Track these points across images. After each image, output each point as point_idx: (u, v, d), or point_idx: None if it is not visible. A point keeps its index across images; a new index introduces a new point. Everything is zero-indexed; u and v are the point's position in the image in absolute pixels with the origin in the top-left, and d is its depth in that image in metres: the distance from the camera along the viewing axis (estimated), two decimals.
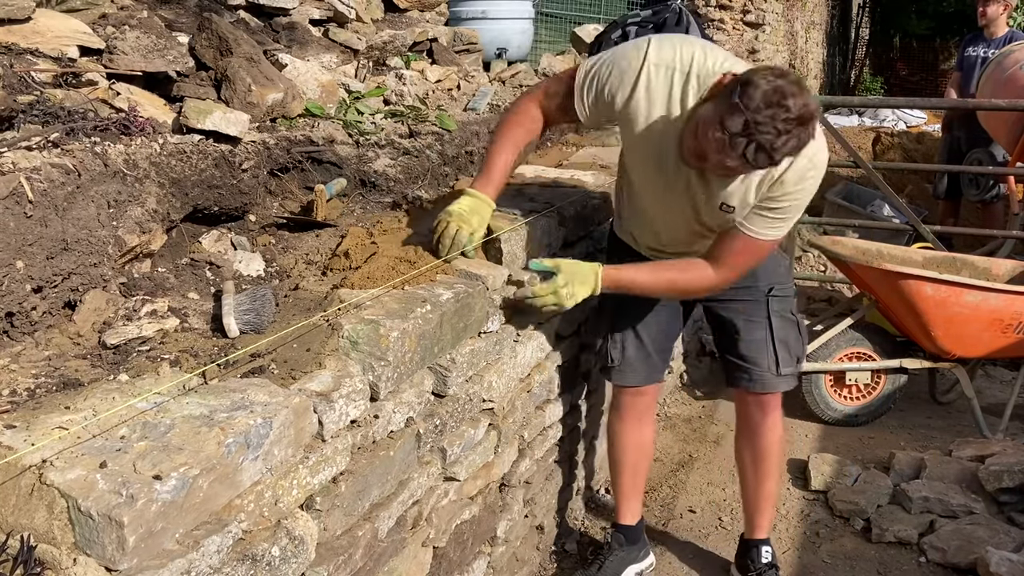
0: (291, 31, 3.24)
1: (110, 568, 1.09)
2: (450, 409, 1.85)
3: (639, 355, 2.40)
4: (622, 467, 2.56)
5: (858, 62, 14.53)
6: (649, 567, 2.63)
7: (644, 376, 2.43)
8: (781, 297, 2.32)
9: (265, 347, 1.53)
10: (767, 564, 2.51)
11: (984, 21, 5.73)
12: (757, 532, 2.55)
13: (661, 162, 2.02)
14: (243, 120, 2.21)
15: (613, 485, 2.64)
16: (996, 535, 2.64)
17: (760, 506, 2.53)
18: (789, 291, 2.35)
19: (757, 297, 2.31)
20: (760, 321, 2.31)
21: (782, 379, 2.36)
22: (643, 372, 2.42)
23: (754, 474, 2.49)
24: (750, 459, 2.49)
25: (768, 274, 2.29)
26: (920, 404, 3.84)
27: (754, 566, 2.52)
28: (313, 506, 1.44)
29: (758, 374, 2.35)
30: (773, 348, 2.31)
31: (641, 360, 2.40)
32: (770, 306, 2.30)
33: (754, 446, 2.46)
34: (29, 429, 1.21)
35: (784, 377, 2.36)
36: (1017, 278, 3.60)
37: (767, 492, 2.51)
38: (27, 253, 1.54)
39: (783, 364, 2.33)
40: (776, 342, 2.31)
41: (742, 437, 2.51)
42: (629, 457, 2.54)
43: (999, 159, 5.35)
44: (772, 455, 2.45)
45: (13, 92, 1.92)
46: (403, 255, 1.94)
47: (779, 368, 2.33)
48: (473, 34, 4.14)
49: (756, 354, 2.34)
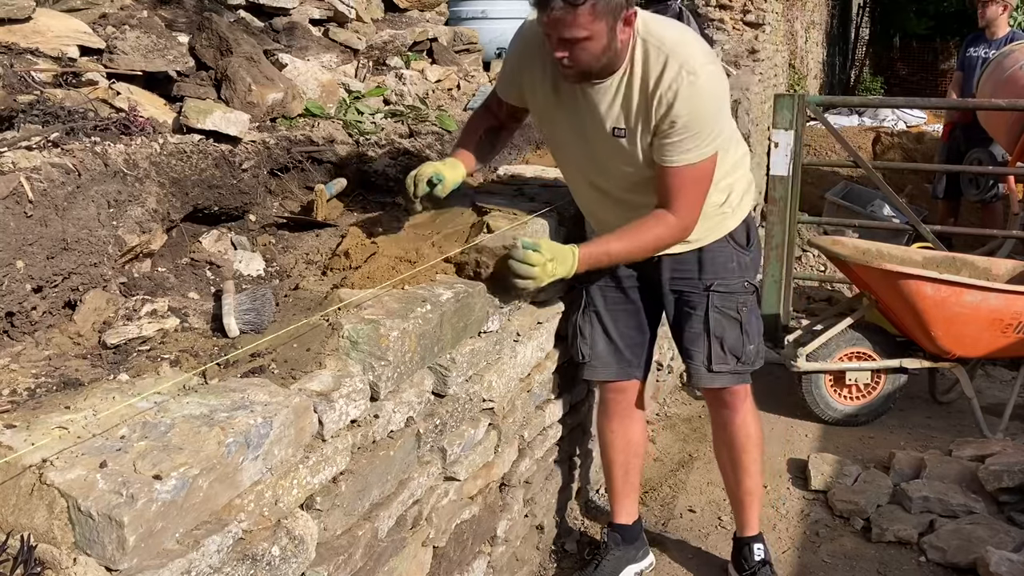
0: (291, 31, 3.24)
1: (110, 568, 1.09)
2: (450, 409, 1.85)
3: (608, 350, 2.40)
4: (612, 466, 2.57)
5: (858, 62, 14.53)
6: (649, 567, 2.63)
7: (616, 371, 2.43)
8: (724, 293, 2.29)
9: (265, 347, 1.53)
10: (760, 561, 2.51)
11: (983, 22, 5.73)
12: (746, 529, 2.56)
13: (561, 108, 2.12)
14: (243, 120, 2.21)
15: (607, 484, 2.65)
16: (996, 535, 2.64)
17: (743, 502, 2.53)
18: (736, 287, 2.31)
19: (697, 289, 2.30)
20: (699, 315, 2.31)
21: (716, 376, 2.33)
22: (614, 367, 2.43)
23: (732, 471, 2.50)
24: (726, 456, 2.50)
25: (715, 269, 2.28)
26: (920, 404, 3.84)
27: (747, 564, 2.52)
28: (313, 506, 1.44)
29: (693, 367, 2.36)
30: (708, 343, 2.31)
31: (610, 354, 2.41)
32: (710, 300, 2.29)
33: (727, 444, 2.47)
34: (29, 429, 1.21)
35: (718, 374, 2.33)
36: (1017, 278, 3.60)
37: (748, 488, 2.50)
38: (27, 253, 1.54)
39: (715, 361, 2.31)
40: (711, 337, 2.30)
41: (715, 435, 2.52)
42: (618, 456, 2.55)
43: (999, 159, 5.36)
44: (746, 451, 2.44)
45: (13, 92, 1.92)
46: (403, 255, 1.94)
47: (711, 364, 2.31)
48: (473, 34, 4.14)
49: (692, 347, 2.35)
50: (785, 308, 4.02)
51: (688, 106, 1.94)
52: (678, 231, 2.12)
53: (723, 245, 2.29)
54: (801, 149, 3.90)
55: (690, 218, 2.11)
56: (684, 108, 1.94)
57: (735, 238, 2.30)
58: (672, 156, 2.01)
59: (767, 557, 2.53)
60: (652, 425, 3.49)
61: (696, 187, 2.07)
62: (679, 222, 2.10)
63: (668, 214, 2.08)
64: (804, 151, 4.05)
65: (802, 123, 3.90)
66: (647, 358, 2.51)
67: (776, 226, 3.93)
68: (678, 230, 2.12)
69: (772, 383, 3.80)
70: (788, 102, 3.88)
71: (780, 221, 3.92)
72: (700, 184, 2.08)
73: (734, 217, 2.28)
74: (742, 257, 2.31)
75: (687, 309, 2.33)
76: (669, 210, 2.08)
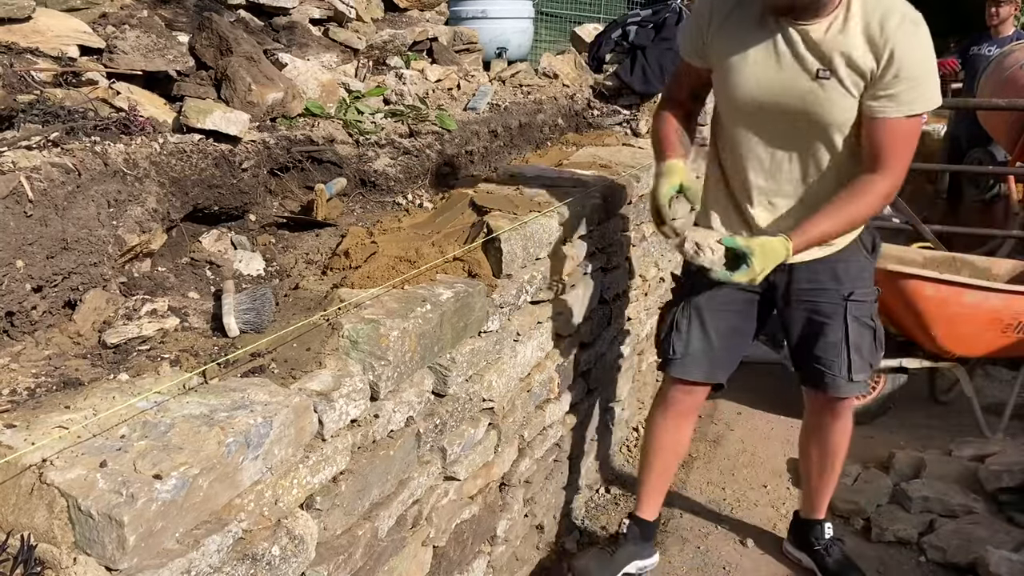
0: (291, 30, 3.24)
1: (110, 567, 1.09)
2: (450, 408, 1.85)
3: (704, 348, 2.35)
4: (654, 461, 2.53)
5: None
6: (652, 565, 2.63)
7: (706, 371, 2.38)
8: (860, 302, 2.25)
9: (265, 347, 1.53)
10: (832, 538, 2.62)
11: (996, 21, 5.73)
12: (819, 513, 2.65)
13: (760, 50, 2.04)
14: (243, 119, 2.21)
15: (640, 477, 2.60)
16: (996, 535, 2.64)
17: (824, 492, 2.61)
18: (870, 296, 2.28)
19: (836, 300, 2.25)
20: (837, 325, 2.26)
21: (854, 384, 2.32)
22: (706, 367, 2.37)
23: (819, 468, 2.55)
24: (817, 456, 2.53)
25: (851, 278, 2.24)
26: (920, 404, 3.84)
27: (819, 541, 2.62)
28: (313, 505, 1.44)
29: (831, 378, 2.32)
30: (848, 353, 2.27)
31: (704, 354, 2.35)
32: (848, 310, 2.24)
33: (822, 445, 2.50)
34: (29, 428, 1.21)
35: (856, 383, 2.32)
36: (1017, 278, 3.60)
37: (830, 482, 2.59)
38: (27, 252, 1.54)
39: (855, 370, 2.28)
40: (851, 347, 2.26)
41: (811, 434, 2.53)
42: (665, 454, 2.52)
43: (999, 159, 5.36)
44: (839, 454, 2.50)
45: (13, 91, 1.92)
46: (403, 255, 1.94)
47: (851, 374, 2.29)
48: (473, 33, 4.14)
49: (830, 357, 2.30)
50: None
51: (913, 55, 1.90)
52: (885, 196, 2.06)
53: (856, 253, 2.24)
54: None
55: (899, 178, 2.04)
56: (909, 56, 1.90)
57: (865, 244, 2.26)
58: (893, 107, 1.94)
59: (838, 535, 2.64)
60: None
61: (909, 143, 2.01)
62: (889, 184, 2.03)
63: (876, 178, 2.02)
64: None
65: None
66: (735, 365, 2.45)
67: None
68: (887, 193, 2.06)
69: (772, 383, 3.81)
70: None
71: None
72: (912, 140, 2.02)
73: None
74: (871, 264, 2.28)
75: (821, 319, 2.27)
76: (878, 171, 2.01)
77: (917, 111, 1.97)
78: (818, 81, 1.99)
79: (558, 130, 3.62)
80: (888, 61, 1.92)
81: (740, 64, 2.09)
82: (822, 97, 2.00)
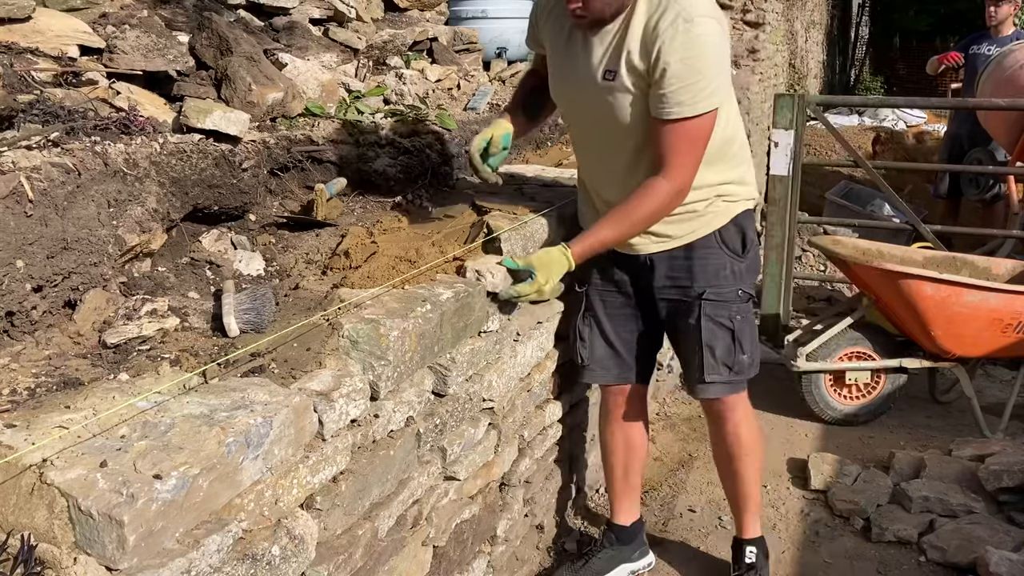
0: (291, 30, 3.24)
1: (110, 567, 1.09)
2: (450, 408, 1.85)
3: (607, 353, 2.39)
4: (612, 466, 2.57)
5: (858, 62, 14.54)
6: (646, 567, 2.63)
7: (615, 375, 2.42)
8: (716, 302, 2.21)
9: (265, 346, 1.53)
10: (748, 565, 2.51)
11: (994, 21, 5.74)
12: (742, 532, 2.56)
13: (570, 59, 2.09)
14: (243, 119, 2.21)
15: (606, 484, 2.65)
16: (996, 534, 2.64)
17: (739, 505, 2.53)
18: (729, 296, 2.22)
19: (689, 297, 2.23)
20: (691, 323, 2.24)
21: (708, 386, 2.28)
22: (613, 370, 2.41)
23: (727, 475, 2.50)
24: (722, 461, 2.49)
25: (707, 276, 2.21)
26: (920, 404, 3.84)
27: (737, 566, 2.53)
28: (313, 505, 1.44)
29: (687, 375, 2.35)
30: (700, 352, 2.24)
31: (609, 358, 2.39)
32: (702, 308, 2.22)
33: (720, 450, 2.47)
34: (29, 428, 1.21)
35: (710, 384, 2.27)
36: (1017, 278, 3.60)
37: (743, 493, 2.49)
38: (27, 252, 1.54)
39: (708, 371, 2.24)
40: (703, 347, 2.23)
41: (711, 440, 2.51)
42: (618, 457, 2.55)
43: (999, 159, 5.36)
44: (738, 458, 2.42)
45: (13, 91, 1.92)
46: (403, 255, 1.94)
47: (703, 374, 2.25)
48: (473, 33, 4.14)
49: (687, 356, 2.32)
50: (785, 308, 4.02)
51: (680, 54, 1.87)
52: (671, 197, 2.04)
53: (712, 249, 2.21)
54: (801, 149, 3.90)
55: (683, 181, 2.02)
56: (675, 55, 1.87)
57: (727, 243, 2.21)
58: (665, 107, 1.92)
59: (758, 562, 2.52)
60: (652, 425, 3.48)
61: (691, 145, 1.98)
62: (671, 187, 2.01)
63: (660, 180, 2.01)
64: (804, 151, 4.05)
65: (802, 123, 3.90)
66: (648, 362, 2.49)
67: (776, 226, 3.93)
68: (671, 196, 2.03)
69: (772, 383, 3.80)
70: (788, 102, 3.88)
71: (780, 221, 3.92)
72: (695, 143, 1.99)
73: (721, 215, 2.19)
74: (736, 264, 2.22)
75: (679, 317, 2.28)
76: (661, 173, 2.00)
77: (688, 113, 1.92)
78: (605, 83, 2.00)
79: (558, 130, 3.62)
80: (655, 60, 1.90)
81: (553, 63, 2.18)
82: (610, 99, 2.02)
